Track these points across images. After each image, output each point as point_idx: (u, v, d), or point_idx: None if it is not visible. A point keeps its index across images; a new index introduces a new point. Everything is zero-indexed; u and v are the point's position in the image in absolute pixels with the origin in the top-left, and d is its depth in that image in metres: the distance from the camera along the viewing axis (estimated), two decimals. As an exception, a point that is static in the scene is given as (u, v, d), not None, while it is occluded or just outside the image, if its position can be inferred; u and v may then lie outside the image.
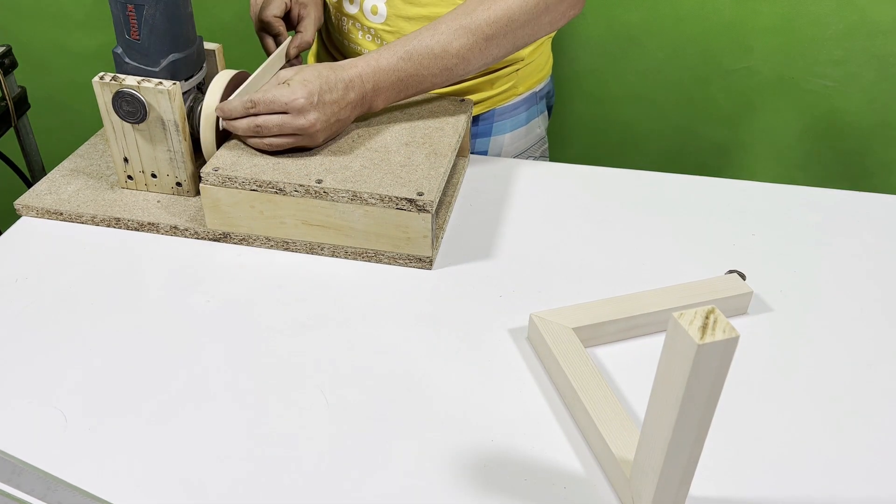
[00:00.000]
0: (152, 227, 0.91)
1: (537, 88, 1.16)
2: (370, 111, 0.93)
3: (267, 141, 0.88)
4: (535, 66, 1.13)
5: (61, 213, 0.92)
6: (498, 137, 1.14)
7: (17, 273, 0.85)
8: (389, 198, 0.83)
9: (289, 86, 0.87)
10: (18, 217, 0.93)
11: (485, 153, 1.14)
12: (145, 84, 0.86)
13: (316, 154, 0.89)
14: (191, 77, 0.91)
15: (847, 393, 0.74)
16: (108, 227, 0.92)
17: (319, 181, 0.85)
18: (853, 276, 0.88)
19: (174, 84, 0.87)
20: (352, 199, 0.84)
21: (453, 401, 0.73)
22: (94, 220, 0.92)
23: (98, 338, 0.78)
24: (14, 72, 1.35)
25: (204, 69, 0.94)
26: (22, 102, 1.38)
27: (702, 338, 0.49)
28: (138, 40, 0.86)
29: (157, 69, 0.88)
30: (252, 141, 0.89)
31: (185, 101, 0.90)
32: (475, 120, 1.13)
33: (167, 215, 0.91)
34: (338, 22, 1.09)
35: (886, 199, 1.00)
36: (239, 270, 0.87)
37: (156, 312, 0.81)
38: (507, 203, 0.98)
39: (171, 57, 0.88)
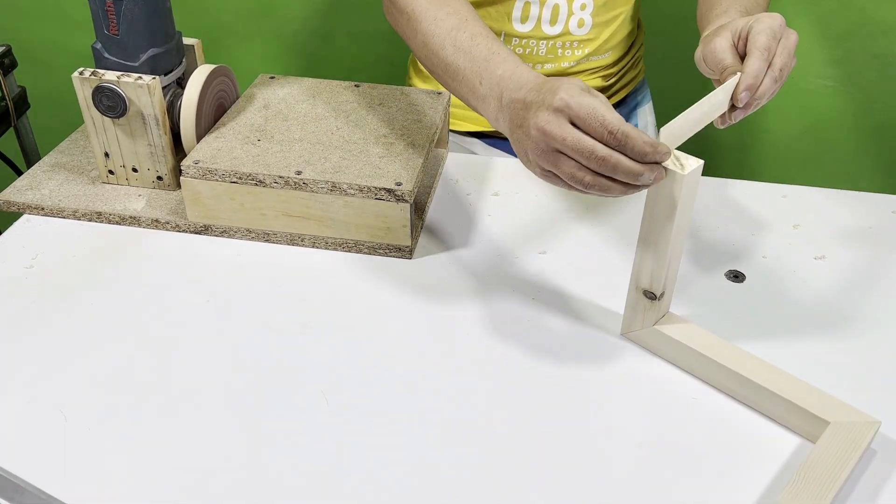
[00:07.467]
0: (134, 221, 0.91)
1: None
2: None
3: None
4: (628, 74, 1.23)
5: (42, 209, 0.92)
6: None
7: (17, 273, 0.85)
8: (368, 188, 0.83)
9: None
10: (17, 217, 0.92)
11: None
12: (125, 79, 0.87)
13: (295, 146, 0.89)
14: (170, 72, 0.91)
15: (846, 393, 0.72)
16: (90, 221, 0.92)
17: (299, 172, 0.85)
18: (853, 277, 0.86)
19: (154, 79, 0.87)
20: (331, 190, 0.84)
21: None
22: (75, 215, 0.92)
23: (95, 337, 0.77)
24: (14, 72, 1.36)
25: (184, 64, 0.94)
26: (22, 102, 1.39)
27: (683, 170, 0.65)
28: (117, 35, 0.87)
29: (136, 64, 0.88)
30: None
31: (164, 95, 0.90)
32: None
33: (149, 209, 0.92)
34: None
35: (886, 199, 0.99)
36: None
37: (149, 309, 0.80)
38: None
39: (151, 52, 0.88)
